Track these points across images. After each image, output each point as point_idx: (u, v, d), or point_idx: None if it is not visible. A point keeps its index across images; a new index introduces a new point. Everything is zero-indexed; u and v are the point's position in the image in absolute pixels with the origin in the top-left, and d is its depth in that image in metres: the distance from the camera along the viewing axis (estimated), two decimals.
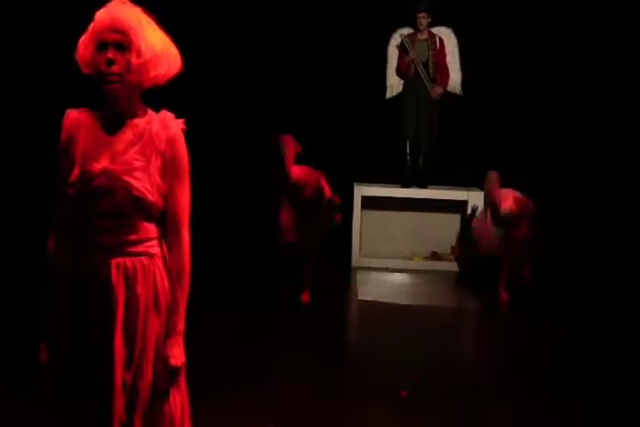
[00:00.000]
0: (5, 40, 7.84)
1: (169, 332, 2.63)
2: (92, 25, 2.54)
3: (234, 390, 4.98)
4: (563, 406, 5.08)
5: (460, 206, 9.33)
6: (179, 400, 2.71)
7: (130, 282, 2.60)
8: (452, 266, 9.19)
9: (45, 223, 2.77)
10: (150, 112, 2.66)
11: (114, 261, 2.59)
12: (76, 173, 2.57)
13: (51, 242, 2.70)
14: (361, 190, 9.28)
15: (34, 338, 2.84)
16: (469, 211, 8.67)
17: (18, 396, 4.55)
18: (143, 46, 2.52)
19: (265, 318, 6.84)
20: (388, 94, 9.65)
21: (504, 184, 7.88)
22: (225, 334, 6.23)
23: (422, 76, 9.26)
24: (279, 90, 9.69)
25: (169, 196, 2.62)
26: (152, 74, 2.56)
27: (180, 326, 2.64)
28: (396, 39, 9.45)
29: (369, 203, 9.28)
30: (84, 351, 2.61)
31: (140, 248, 2.62)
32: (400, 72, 9.41)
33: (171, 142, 2.61)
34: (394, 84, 9.60)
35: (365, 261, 9.15)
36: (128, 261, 2.60)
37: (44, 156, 3.44)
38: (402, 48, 9.36)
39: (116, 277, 2.59)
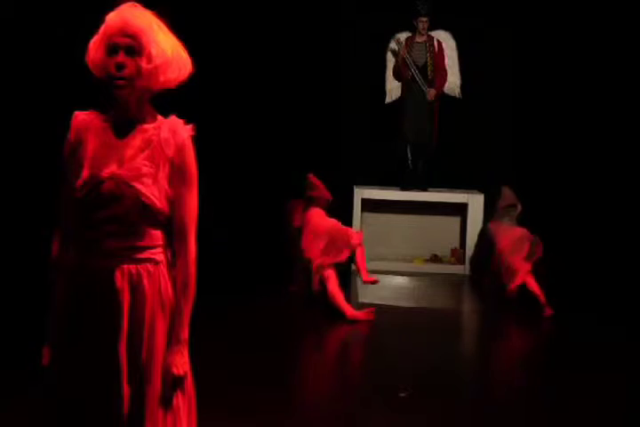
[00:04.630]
0: (11, 40, 7.82)
1: (172, 340, 2.61)
2: (102, 28, 2.52)
3: (235, 393, 4.97)
4: (563, 405, 5.07)
5: (460, 209, 9.34)
6: (185, 408, 2.68)
7: (135, 288, 2.57)
8: (453, 268, 9.20)
9: (49, 225, 2.74)
10: (159, 117, 2.63)
11: (119, 267, 2.56)
12: (83, 176, 2.55)
13: (55, 245, 2.67)
14: (361, 193, 9.29)
15: (36, 342, 2.81)
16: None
17: (19, 401, 4.54)
18: (154, 51, 2.49)
19: (266, 320, 6.85)
20: (388, 99, 9.68)
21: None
22: (225, 337, 6.22)
23: (417, 78, 9.27)
24: (280, 94, 9.69)
25: (176, 203, 2.59)
26: (162, 79, 2.54)
27: (184, 334, 2.62)
28: (393, 44, 9.48)
29: (369, 205, 9.29)
30: (88, 357, 2.58)
31: (145, 255, 2.59)
32: (396, 73, 9.43)
33: (179, 149, 2.58)
34: (392, 89, 9.62)
35: None
36: (133, 267, 2.57)
37: (50, 157, 3.41)
38: (397, 51, 9.41)
39: (121, 283, 2.56)
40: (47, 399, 2.65)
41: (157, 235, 2.61)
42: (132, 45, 2.49)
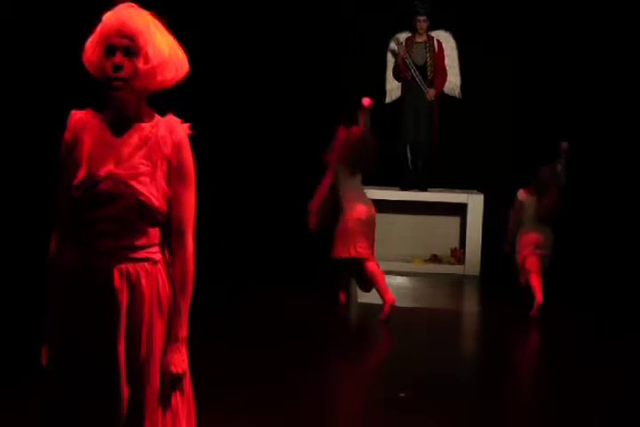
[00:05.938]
0: (10, 40, 7.82)
1: (170, 339, 2.60)
2: (99, 28, 2.51)
3: (235, 393, 4.97)
4: (563, 406, 5.07)
5: (459, 209, 9.34)
6: (184, 407, 2.68)
7: (133, 287, 2.57)
8: (452, 268, 9.19)
9: (48, 225, 2.73)
10: (156, 116, 2.62)
11: (117, 267, 2.55)
12: (81, 175, 2.54)
13: (53, 244, 2.66)
14: None
15: (35, 342, 2.81)
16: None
17: (18, 401, 4.54)
18: (151, 52, 2.49)
19: (265, 320, 6.86)
20: (387, 99, 9.70)
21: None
22: (225, 336, 6.22)
23: (417, 78, 9.28)
24: (280, 94, 9.69)
25: (174, 201, 2.58)
26: (159, 78, 2.53)
27: (182, 332, 2.61)
28: (393, 44, 9.49)
29: None
30: (87, 357, 2.57)
31: (143, 254, 2.58)
32: (396, 73, 9.45)
33: (177, 147, 2.58)
34: (392, 89, 9.64)
35: None
36: (131, 266, 2.56)
37: (47, 156, 3.40)
38: (397, 51, 9.43)
39: (119, 283, 2.55)
40: (47, 399, 2.64)
41: (155, 234, 2.60)
42: (129, 46, 2.48)
